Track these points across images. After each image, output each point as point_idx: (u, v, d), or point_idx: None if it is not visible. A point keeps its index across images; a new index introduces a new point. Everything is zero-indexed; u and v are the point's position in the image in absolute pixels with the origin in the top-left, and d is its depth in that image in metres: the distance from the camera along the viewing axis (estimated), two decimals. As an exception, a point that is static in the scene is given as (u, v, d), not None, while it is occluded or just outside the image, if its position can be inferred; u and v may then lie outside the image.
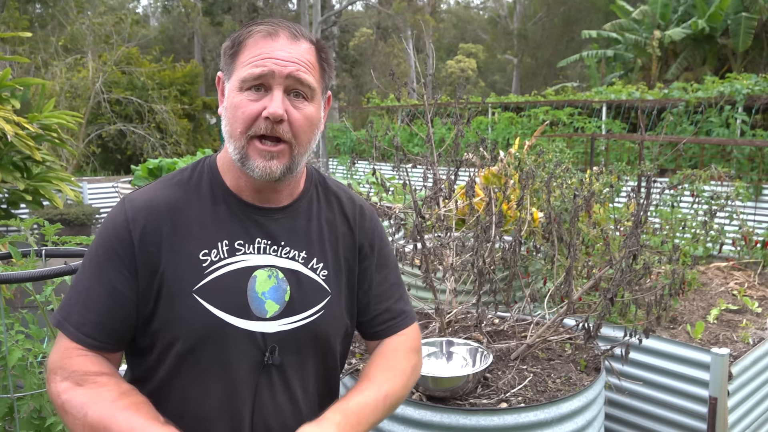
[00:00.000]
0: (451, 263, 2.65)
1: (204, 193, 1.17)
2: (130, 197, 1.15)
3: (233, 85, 1.11)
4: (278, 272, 1.17)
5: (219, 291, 1.12)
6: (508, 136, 10.70)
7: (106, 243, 1.11)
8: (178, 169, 1.21)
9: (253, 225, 1.17)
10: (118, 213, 1.13)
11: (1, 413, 2.02)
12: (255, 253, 1.16)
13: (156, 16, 35.35)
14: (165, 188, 1.16)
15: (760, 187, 7.19)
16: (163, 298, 1.10)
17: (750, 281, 3.70)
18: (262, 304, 1.14)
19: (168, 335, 1.11)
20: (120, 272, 1.10)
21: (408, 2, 23.81)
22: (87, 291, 1.10)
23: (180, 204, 1.14)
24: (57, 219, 7.42)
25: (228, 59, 1.14)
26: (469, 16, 40.28)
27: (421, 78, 3.35)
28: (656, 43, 14.89)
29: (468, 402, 2.03)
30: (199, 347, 1.11)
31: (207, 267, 1.12)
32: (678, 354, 2.59)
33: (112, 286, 1.10)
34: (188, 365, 1.12)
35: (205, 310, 1.11)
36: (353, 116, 18.13)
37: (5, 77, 4.85)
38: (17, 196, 5.17)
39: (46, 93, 6.34)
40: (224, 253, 1.14)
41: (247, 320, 1.13)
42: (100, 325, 1.09)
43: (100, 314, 1.09)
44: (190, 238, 1.13)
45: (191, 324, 1.10)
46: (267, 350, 1.14)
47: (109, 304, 1.09)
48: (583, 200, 2.53)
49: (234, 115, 1.11)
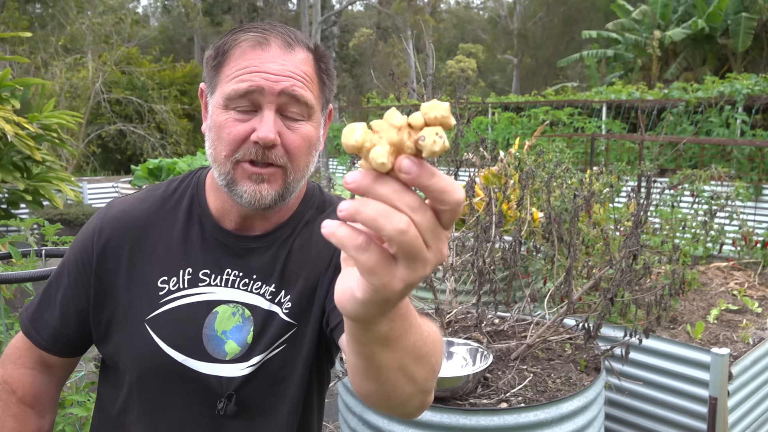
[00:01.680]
0: (451, 263, 2.65)
1: (181, 212, 1.04)
2: (111, 203, 1.09)
3: (217, 101, 0.95)
4: (244, 309, 1.01)
5: (172, 325, 0.99)
6: (508, 136, 10.70)
7: (74, 248, 1.06)
8: (171, 178, 1.11)
9: (225, 253, 1.02)
10: (94, 219, 1.07)
11: (1, 413, 2.01)
12: (221, 286, 1.01)
13: (156, 16, 35.36)
14: (144, 200, 1.07)
15: (760, 187, 7.19)
16: (117, 322, 1.02)
17: (750, 281, 3.70)
18: (222, 344, 1.00)
19: (120, 362, 1.03)
20: (74, 283, 1.04)
21: (408, 2, 23.81)
22: (47, 289, 1.08)
23: (152, 221, 1.03)
24: (57, 219, 7.42)
25: (211, 70, 0.97)
26: (469, 16, 40.29)
27: (421, 78, 3.36)
28: (656, 43, 14.89)
29: (468, 402, 2.03)
30: (144, 382, 1.01)
31: (163, 296, 1.00)
32: (678, 354, 2.59)
33: (65, 295, 1.05)
34: (136, 398, 1.03)
35: (154, 343, 0.99)
36: (353, 116, 18.13)
37: (5, 77, 4.85)
38: (17, 196, 5.17)
39: (46, 93, 6.34)
40: (184, 282, 1.00)
41: (201, 361, 0.99)
42: (51, 328, 1.06)
43: (52, 316, 1.06)
44: (152, 262, 1.01)
45: (139, 355, 1.00)
46: (227, 397, 0.99)
47: (60, 310, 1.06)
48: (583, 200, 2.53)
49: (218, 136, 0.94)
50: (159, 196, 1.07)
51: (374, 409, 2.08)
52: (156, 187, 1.10)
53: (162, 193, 1.07)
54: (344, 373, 2.25)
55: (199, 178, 1.08)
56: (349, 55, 29.37)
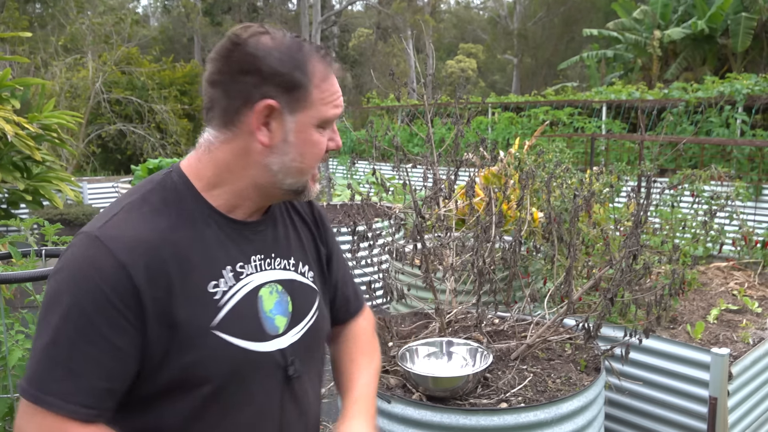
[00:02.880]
0: (451, 263, 2.65)
1: (189, 218, 1.05)
2: (106, 235, 0.97)
3: (309, 121, 1.06)
4: (277, 285, 1.14)
5: (237, 321, 1.06)
6: (508, 136, 10.70)
7: (94, 294, 0.94)
8: (138, 196, 1.05)
9: (244, 242, 1.11)
10: (99, 257, 0.96)
11: (1, 413, 2.02)
12: (255, 272, 1.11)
13: (156, 16, 35.35)
14: (144, 220, 1.01)
15: (760, 187, 7.19)
16: (178, 343, 1.00)
17: (750, 281, 3.70)
18: (272, 321, 1.11)
19: (190, 380, 1.02)
20: (119, 326, 0.95)
21: (408, 2, 23.82)
22: (69, 355, 0.93)
23: (170, 235, 1.02)
24: (57, 219, 7.41)
25: (294, 91, 1.03)
26: (469, 16, 40.28)
27: (421, 78, 3.36)
28: (656, 42, 14.90)
29: (468, 402, 2.03)
30: (227, 384, 1.05)
31: (219, 299, 1.05)
32: (678, 354, 2.59)
33: (109, 344, 0.94)
34: (214, 406, 1.05)
35: (228, 344, 1.04)
36: (353, 116, 18.13)
37: (5, 77, 4.85)
38: (17, 196, 5.18)
39: (46, 93, 6.34)
40: (231, 279, 1.07)
41: (265, 342, 1.09)
42: (96, 390, 0.94)
43: (94, 377, 0.94)
44: (194, 272, 1.02)
45: (218, 362, 1.03)
46: (288, 365, 1.12)
47: (106, 365, 0.95)
48: (583, 200, 2.53)
49: (312, 152, 1.08)
50: (155, 211, 1.03)
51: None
52: (135, 205, 1.04)
53: (154, 209, 1.03)
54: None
55: (184, 184, 1.07)
56: (349, 55, 29.37)
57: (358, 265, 2.51)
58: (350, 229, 2.52)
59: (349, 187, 2.92)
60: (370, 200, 2.60)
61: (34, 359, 0.95)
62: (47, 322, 0.95)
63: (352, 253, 2.49)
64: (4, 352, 2.02)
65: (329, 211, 6.27)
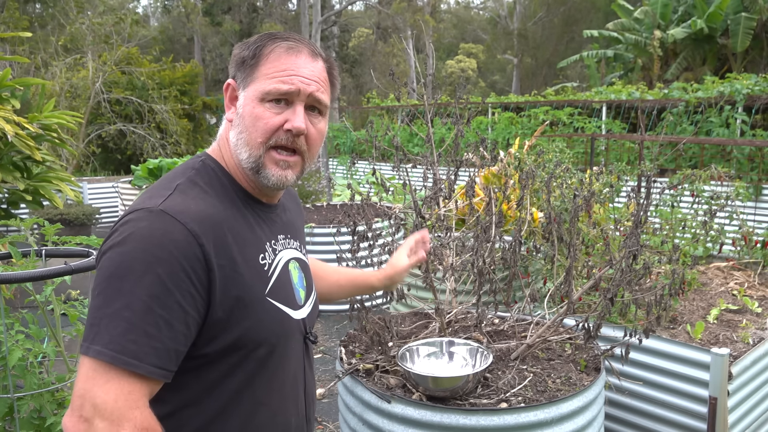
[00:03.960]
0: (451, 263, 2.65)
1: (231, 200, 1.16)
2: (173, 209, 1.04)
3: (253, 95, 1.13)
4: (296, 262, 1.28)
5: (282, 290, 1.19)
6: (508, 136, 10.71)
7: (169, 262, 0.99)
8: (185, 179, 1.13)
9: (272, 224, 1.25)
10: (172, 228, 1.01)
11: (1, 413, 2.02)
12: (282, 249, 1.25)
13: (156, 16, 35.36)
14: (200, 198, 1.10)
15: (760, 187, 7.19)
16: (240, 309, 1.08)
17: (750, 281, 3.70)
18: (298, 292, 1.26)
19: (247, 344, 1.11)
20: (189, 293, 1.01)
21: (408, 2, 23.81)
22: (144, 318, 0.97)
23: (222, 214, 1.11)
24: (57, 219, 7.42)
25: (247, 68, 1.15)
26: (469, 16, 40.28)
27: (421, 78, 3.36)
28: (657, 42, 14.90)
29: (468, 402, 2.03)
30: (277, 345, 1.17)
31: (267, 270, 1.17)
32: (678, 354, 2.59)
33: (181, 309, 1.00)
34: (264, 367, 1.15)
35: (279, 310, 1.17)
36: (353, 116, 18.12)
37: (5, 77, 4.85)
38: (17, 196, 5.17)
39: (46, 93, 6.34)
40: (272, 254, 1.20)
41: (297, 310, 1.23)
42: (169, 352, 0.99)
43: (167, 340, 0.99)
44: (247, 245, 1.13)
45: (273, 326, 1.15)
46: (307, 333, 1.27)
47: (177, 328, 1.00)
48: (583, 200, 2.53)
49: (255, 125, 1.13)
50: (204, 192, 1.13)
51: (374, 409, 2.08)
52: (187, 185, 1.11)
53: (202, 190, 1.13)
54: (344, 373, 2.25)
55: (217, 169, 1.19)
56: (349, 55, 29.36)
57: (358, 265, 2.50)
58: (350, 229, 2.52)
59: (349, 187, 2.92)
60: (370, 200, 2.60)
61: (105, 323, 0.96)
62: (116, 289, 0.98)
63: (352, 253, 2.49)
64: (4, 352, 2.02)
65: (329, 211, 6.28)
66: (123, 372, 0.95)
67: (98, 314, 0.98)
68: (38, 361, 2.14)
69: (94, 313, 0.99)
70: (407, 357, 2.17)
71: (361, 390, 2.15)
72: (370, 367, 2.28)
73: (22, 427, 2.04)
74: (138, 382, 0.96)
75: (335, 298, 1.70)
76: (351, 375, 2.23)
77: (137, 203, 1.08)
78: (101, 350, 0.95)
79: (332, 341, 4.64)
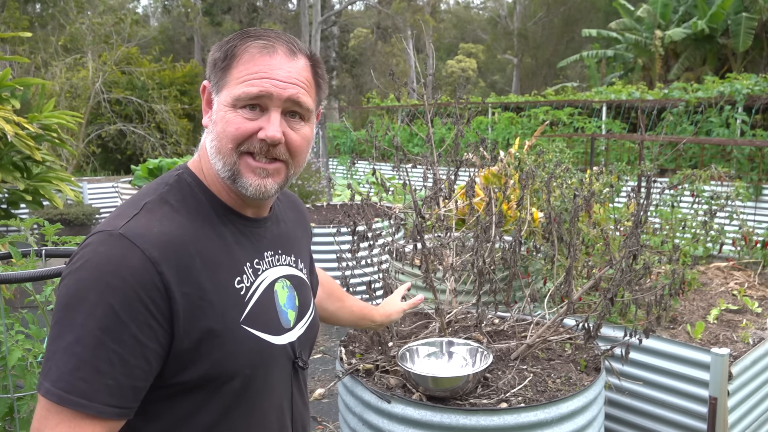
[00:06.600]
0: (451, 263, 2.65)
1: (207, 217, 1.06)
2: (133, 233, 0.96)
3: (225, 100, 1.03)
4: (286, 281, 1.18)
5: (261, 315, 1.08)
6: (508, 136, 10.71)
7: (123, 292, 0.91)
8: (155, 196, 1.04)
9: (257, 239, 1.14)
10: (128, 254, 0.93)
11: (1, 413, 2.02)
12: (269, 267, 1.14)
13: (156, 16, 35.36)
14: (167, 219, 1.01)
15: (760, 187, 7.19)
16: (210, 340, 0.99)
17: (750, 281, 3.70)
18: (286, 314, 1.15)
19: (220, 376, 1.02)
20: (147, 325, 0.93)
21: (408, 2, 23.81)
22: (95, 354, 0.90)
23: (193, 233, 1.02)
24: (57, 219, 7.42)
25: (219, 71, 1.05)
26: (469, 16, 40.28)
27: (421, 78, 3.35)
28: (658, 42, 14.90)
29: (468, 402, 2.03)
30: (254, 377, 1.07)
31: (245, 295, 1.06)
32: (678, 354, 2.59)
33: (137, 343, 0.92)
34: (241, 399, 1.06)
35: (255, 337, 1.06)
36: (353, 116, 18.13)
37: (5, 77, 4.85)
38: (17, 196, 5.18)
39: (46, 93, 6.34)
40: (251, 276, 1.09)
41: (281, 335, 1.13)
42: (122, 389, 0.92)
43: (120, 376, 0.91)
44: (220, 270, 1.03)
45: (247, 356, 1.05)
46: (296, 357, 1.17)
47: (132, 363, 0.92)
48: (583, 200, 2.53)
49: (225, 130, 1.03)
50: (174, 210, 1.03)
51: (374, 409, 2.08)
52: (155, 204, 1.03)
53: (173, 208, 1.04)
54: (344, 373, 2.25)
55: (194, 182, 1.09)
56: (349, 55, 29.36)
57: (358, 265, 2.50)
58: (350, 229, 2.52)
59: (349, 187, 2.92)
60: (370, 200, 2.59)
61: (57, 358, 0.91)
62: (69, 321, 0.91)
63: (352, 253, 2.49)
64: (4, 352, 2.02)
65: (329, 211, 6.28)
66: (73, 413, 0.89)
67: (52, 347, 0.92)
68: (38, 361, 2.13)
69: (49, 345, 0.92)
70: (407, 357, 2.17)
71: (361, 390, 2.15)
72: (370, 367, 2.28)
73: (22, 427, 2.04)
74: (90, 423, 0.90)
75: (343, 323, 1.67)
76: (351, 375, 2.23)
77: (103, 223, 1.01)
78: (50, 389, 0.89)
79: (332, 341, 4.64)
